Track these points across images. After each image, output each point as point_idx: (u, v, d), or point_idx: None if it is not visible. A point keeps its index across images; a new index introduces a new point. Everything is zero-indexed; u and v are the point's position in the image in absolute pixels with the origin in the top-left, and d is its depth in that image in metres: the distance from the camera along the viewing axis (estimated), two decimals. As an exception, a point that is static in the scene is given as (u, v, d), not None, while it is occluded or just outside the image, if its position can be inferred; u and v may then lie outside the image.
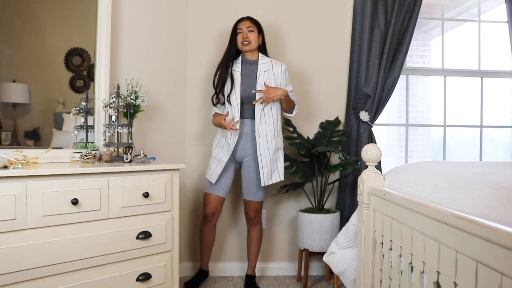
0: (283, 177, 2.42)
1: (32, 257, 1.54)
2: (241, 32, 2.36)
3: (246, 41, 2.35)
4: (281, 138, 2.45)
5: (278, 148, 2.41)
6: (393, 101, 3.25)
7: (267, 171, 2.36)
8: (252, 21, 2.39)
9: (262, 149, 2.34)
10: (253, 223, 2.51)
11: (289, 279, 2.75)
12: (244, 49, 2.38)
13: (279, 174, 2.42)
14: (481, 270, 0.98)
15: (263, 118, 2.35)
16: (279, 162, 2.42)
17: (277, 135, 2.39)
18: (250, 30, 2.36)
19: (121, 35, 2.35)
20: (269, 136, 2.35)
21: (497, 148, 4.35)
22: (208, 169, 2.44)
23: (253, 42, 2.37)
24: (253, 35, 2.36)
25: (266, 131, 2.35)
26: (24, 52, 2.04)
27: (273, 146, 2.37)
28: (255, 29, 2.38)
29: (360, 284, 1.85)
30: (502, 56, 3.23)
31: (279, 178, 2.41)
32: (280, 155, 2.43)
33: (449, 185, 1.39)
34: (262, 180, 2.36)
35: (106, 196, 1.75)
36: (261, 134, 2.34)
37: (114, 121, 2.07)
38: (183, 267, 2.73)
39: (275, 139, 2.38)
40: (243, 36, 2.35)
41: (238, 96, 2.35)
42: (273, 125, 2.37)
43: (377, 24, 2.75)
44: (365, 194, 1.83)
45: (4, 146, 1.93)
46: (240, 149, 2.40)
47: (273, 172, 2.39)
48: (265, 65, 2.40)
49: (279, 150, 2.42)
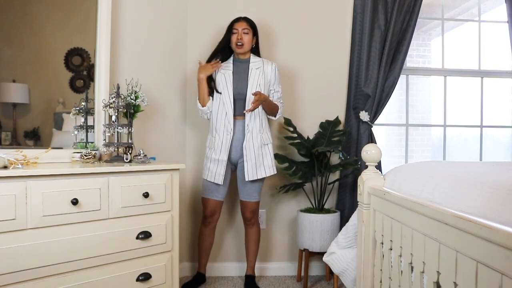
0: (270, 173, 2.41)
1: (32, 257, 1.54)
2: (237, 33, 2.37)
3: (240, 43, 2.36)
4: (268, 134, 2.45)
5: (264, 143, 2.40)
6: (393, 101, 3.25)
7: (251, 166, 2.35)
8: (248, 22, 2.39)
9: (247, 143, 2.35)
10: (250, 223, 2.50)
11: (289, 279, 2.75)
12: (237, 51, 2.40)
13: (265, 170, 2.39)
14: (481, 270, 0.98)
15: (253, 114, 2.36)
16: (266, 157, 2.40)
17: (263, 131, 2.40)
18: (245, 32, 2.37)
19: (121, 35, 2.35)
20: (254, 132, 2.36)
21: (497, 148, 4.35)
22: (206, 170, 2.43)
23: (247, 45, 2.39)
24: (247, 37, 2.38)
25: (254, 126, 2.36)
26: (24, 52, 2.04)
27: (258, 140, 2.36)
28: (250, 32, 2.39)
29: (360, 284, 1.85)
30: (502, 56, 3.23)
31: (265, 174, 2.39)
32: (267, 151, 2.41)
33: (449, 185, 1.39)
34: (246, 175, 2.35)
35: (106, 196, 1.75)
36: (250, 130, 2.36)
37: (114, 121, 2.07)
38: (183, 267, 2.73)
39: (260, 134, 2.38)
40: (237, 37, 2.36)
41: (230, 93, 2.36)
42: (260, 120, 2.38)
43: (377, 24, 2.74)
44: (365, 194, 1.83)
45: (4, 146, 1.93)
46: (234, 151, 2.40)
47: (259, 167, 2.38)
48: (256, 64, 2.42)
49: (266, 146, 2.40)
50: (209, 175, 2.40)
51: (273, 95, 2.46)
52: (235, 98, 2.37)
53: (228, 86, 2.37)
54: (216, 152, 2.37)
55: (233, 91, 2.37)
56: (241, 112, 2.38)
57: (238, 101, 2.38)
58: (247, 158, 2.34)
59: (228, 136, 2.35)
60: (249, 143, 2.35)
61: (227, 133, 2.35)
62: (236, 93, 2.37)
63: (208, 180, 2.41)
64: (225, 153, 2.35)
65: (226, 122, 2.35)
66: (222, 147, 2.35)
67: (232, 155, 2.40)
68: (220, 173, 2.36)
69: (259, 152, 2.37)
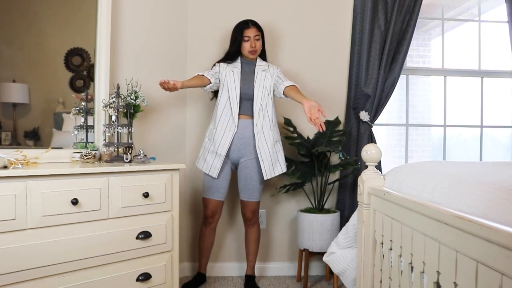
0: (285, 169, 2.44)
1: (32, 257, 1.54)
2: (249, 40, 2.38)
3: (253, 51, 2.39)
4: (278, 131, 2.47)
5: (276, 140, 2.41)
6: (393, 101, 3.25)
7: (268, 164, 2.36)
8: (258, 28, 2.42)
9: (260, 143, 2.35)
10: (251, 223, 2.50)
11: (289, 279, 2.75)
12: (250, 57, 2.42)
13: (281, 166, 2.42)
14: (481, 270, 0.98)
15: (261, 114, 2.37)
16: (279, 154, 2.43)
17: (273, 127, 2.41)
18: (257, 39, 2.40)
19: (121, 35, 2.35)
20: (265, 129, 2.37)
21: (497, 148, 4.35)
22: (202, 161, 2.42)
23: (259, 51, 2.45)
24: (259, 43, 2.42)
25: (263, 125, 2.37)
26: (24, 52, 2.04)
27: (271, 138, 2.38)
28: (260, 37, 2.43)
29: (360, 284, 1.85)
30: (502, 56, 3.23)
31: (282, 170, 2.42)
32: (280, 147, 2.44)
33: (449, 185, 1.39)
34: (264, 173, 2.36)
35: (106, 196, 1.75)
36: (259, 129, 2.36)
37: (114, 121, 2.07)
38: (183, 267, 2.73)
39: (271, 131, 2.39)
40: (251, 45, 2.38)
41: (238, 91, 2.37)
42: (269, 119, 2.39)
43: (377, 24, 2.74)
44: (365, 194, 1.83)
45: (4, 146, 1.93)
46: (236, 150, 2.39)
47: (275, 164, 2.40)
48: (262, 66, 2.46)
49: (277, 142, 2.43)
50: (204, 166, 2.39)
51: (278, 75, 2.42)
52: (241, 98, 2.38)
53: (236, 85, 2.38)
54: (215, 145, 2.36)
55: (240, 89, 2.38)
56: (247, 111, 2.39)
57: (244, 100, 2.39)
58: (262, 157, 2.35)
59: (230, 133, 2.35)
60: (261, 141, 2.35)
61: (230, 130, 2.35)
62: (243, 92, 2.38)
63: (204, 172, 2.40)
64: (223, 148, 2.34)
65: (230, 119, 2.36)
66: (222, 142, 2.35)
67: (233, 155, 2.40)
68: (216, 167, 2.35)
69: (273, 149, 2.39)
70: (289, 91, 2.32)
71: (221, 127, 2.37)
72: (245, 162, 2.40)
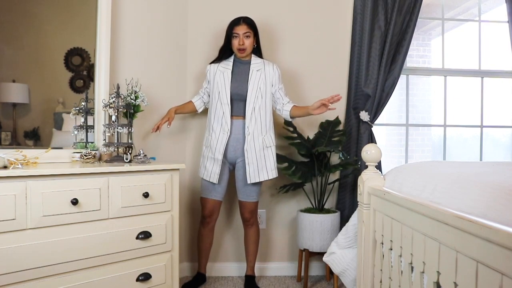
0: (272, 176, 2.39)
1: (32, 257, 1.54)
2: (238, 37, 2.35)
3: (242, 48, 2.35)
4: (272, 136, 2.42)
5: (267, 145, 2.38)
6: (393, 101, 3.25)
7: (254, 168, 2.34)
8: (249, 25, 2.36)
9: (248, 146, 2.34)
10: (249, 224, 2.50)
11: (289, 279, 2.75)
12: (239, 55, 2.39)
13: (268, 173, 2.38)
14: (481, 270, 0.98)
15: (253, 117, 2.35)
16: (268, 160, 2.38)
17: (265, 133, 2.37)
18: (246, 36, 2.35)
19: (121, 35, 2.35)
20: (256, 134, 2.35)
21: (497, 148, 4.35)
22: (202, 169, 2.43)
23: (248, 48, 2.38)
24: (249, 41, 2.36)
25: (255, 128, 2.35)
26: (24, 52, 2.04)
27: (259, 143, 2.35)
28: (251, 34, 2.37)
29: (360, 284, 1.85)
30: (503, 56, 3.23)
31: (267, 177, 2.38)
32: (270, 153, 2.39)
33: (449, 185, 1.39)
34: (248, 177, 2.34)
35: (106, 196, 1.75)
36: (250, 132, 2.34)
37: (114, 121, 2.07)
38: (183, 267, 2.73)
39: (262, 136, 2.36)
40: (239, 42, 2.34)
41: (228, 93, 2.35)
42: (260, 123, 2.36)
43: (377, 24, 2.74)
44: (365, 194, 1.83)
45: (4, 146, 1.93)
46: (232, 150, 2.39)
47: (261, 169, 2.36)
48: (257, 65, 2.41)
49: (268, 148, 2.38)
50: (205, 174, 2.40)
51: (279, 92, 2.44)
52: (233, 98, 2.37)
53: (226, 86, 2.36)
54: (212, 151, 2.37)
55: (231, 91, 2.36)
56: (239, 112, 2.37)
57: (237, 101, 2.37)
58: (248, 161, 2.33)
59: (225, 136, 2.34)
60: (250, 145, 2.34)
61: (224, 133, 2.34)
62: (235, 93, 2.36)
63: (204, 179, 2.41)
64: (219, 152, 2.34)
65: (223, 122, 2.35)
66: (218, 146, 2.34)
67: (230, 155, 2.40)
68: (215, 172, 2.36)
69: (260, 154, 2.36)
70: (294, 112, 2.43)
71: (215, 132, 2.37)
72: (240, 163, 2.40)
